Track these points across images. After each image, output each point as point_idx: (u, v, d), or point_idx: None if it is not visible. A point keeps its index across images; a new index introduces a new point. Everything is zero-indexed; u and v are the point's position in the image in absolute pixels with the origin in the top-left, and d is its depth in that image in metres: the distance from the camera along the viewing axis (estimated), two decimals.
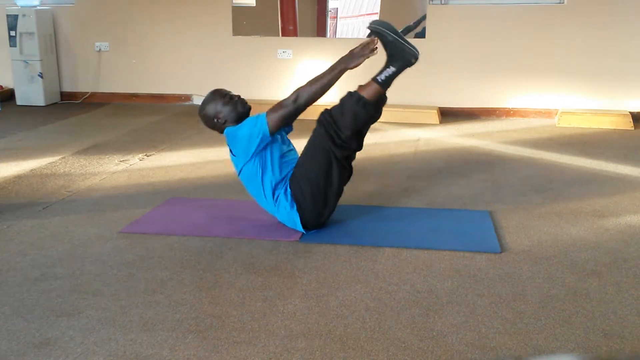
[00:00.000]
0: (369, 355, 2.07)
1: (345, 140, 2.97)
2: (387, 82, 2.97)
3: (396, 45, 2.95)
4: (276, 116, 2.98)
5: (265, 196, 3.09)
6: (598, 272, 2.69)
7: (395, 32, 2.96)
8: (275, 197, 3.07)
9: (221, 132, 3.15)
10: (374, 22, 2.99)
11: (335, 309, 2.38)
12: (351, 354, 2.08)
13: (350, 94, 3.00)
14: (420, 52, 2.97)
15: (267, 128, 2.96)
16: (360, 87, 3.01)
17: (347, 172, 3.10)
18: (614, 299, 2.46)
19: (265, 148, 3.02)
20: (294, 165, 3.11)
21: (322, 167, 3.00)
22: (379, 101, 3.01)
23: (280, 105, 3.01)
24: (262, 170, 3.04)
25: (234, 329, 2.23)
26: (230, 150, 3.13)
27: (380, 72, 2.98)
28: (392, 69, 2.97)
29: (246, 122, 3.03)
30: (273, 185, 3.06)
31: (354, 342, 2.15)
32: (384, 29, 2.95)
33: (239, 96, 3.17)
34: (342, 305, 2.41)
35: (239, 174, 3.15)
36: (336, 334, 2.21)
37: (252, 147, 3.00)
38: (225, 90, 3.18)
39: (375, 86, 2.97)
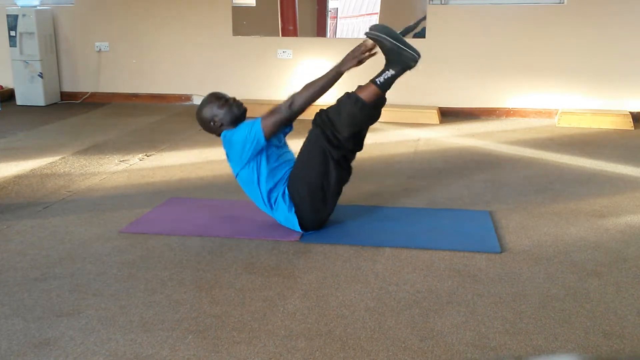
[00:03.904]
0: (369, 355, 2.07)
1: (342, 141, 2.97)
2: (385, 85, 2.96)
3: (394, 49, 2.93)
4: (271, 122, 2.98)
5: (263, 199, 3.09)
6: (598, 272, 2.69)
7: (393, 36, 2.93)
8: (273, 199, 3.07)
9: (218, 135, 3.15)
10: (371, 28, 2.96)
11: (335, 309, 2.38)
12: (351, 354, 2.08)
13: (347, 95, 2.99)
14: (421, 55, 2.96)
15: (262, 134, 2.97)
16: (359, 88, 3.00)
17: (345, 172, 3.09)
18: (614, 299, 2.46)
19: (260, 152, 3.02)
20: (290, 166, 3.11)
21: (320, 168, 3.00)
22: (377, 103, 3.00)
23: (275, 110, 3.00)
24: (258, 174, 3.05)
25: (234, 329, 2.23)
26: (227, 155, 3.13)
27: (379, 75, 2.97)
28: (391, 72, 2.95)
29: (241, 127, 3.03)
30: (270, 188, 3.06)
31: (354, 342, 2.15)
32: (381, 35, 2.92)
33: (234, 98, 3.17)
34: (342, 305, 2.41)
35: (236, 177, 3.15)
36: (336, 334, 2.21)
37: (247, 153, 3.00)
38: (221, 94, 3.18)
39: (373, 88, 2.96)
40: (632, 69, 5.82)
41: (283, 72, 6.45)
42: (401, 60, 2.93)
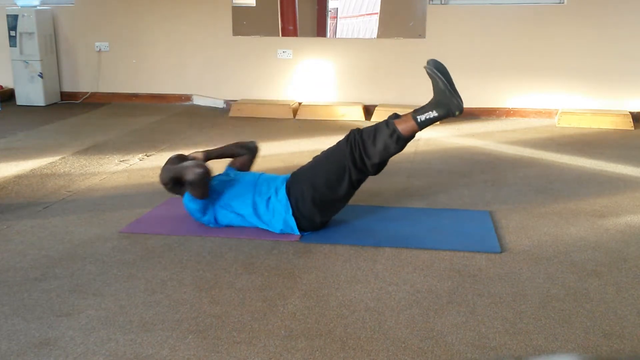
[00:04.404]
0: (369, 355, 2.07)
1: (368, 166, 2.99)
2: (425, 124, 2.96)
3: (445, 94, 2.92)
4: (193, 192, 3.07)
5: (255, 217, 3.10)
6: (598, 272, 2.69)
7: (448, 78, 2.93)
8: (265, 207, 3.06)
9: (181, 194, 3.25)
10: (430, 63, 2.94)
11: (335, 309, 2.38)
12: (351, 354, 2.08)
13: (386, 123, 2.98)
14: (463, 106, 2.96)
15: (195, 203, 3.08)
16: (397, 118, 2.99)
17: (353, 192, 3.11)
18: (614, 299, 2.46)
19: (214, 201, 3.11)
20: (253, 176, 3.19)
21: (332, 180, 3.01)
22: (411, 138, 3.01)
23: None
24: (232, 209, 3.11)
25: (234, 329, 2.23)
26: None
27: (422, 112, 2.95)
28: (434, 114, 2.94)
29: (185, 197, 3.14)
30: (253, 204, 3.08)
31: (354, 342, 2.15)
32: (438, 74, 2.92)
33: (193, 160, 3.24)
34: (342, 305, 2.41)
35: (224, 225, 3.19)
36: (336, 334, 2.21)
37: (205, 214, 3.12)
38: (185, 156, 3.28)
39: (413, 124, 2.95)
40: (632, 69, 5.82)
41: (283, 72, 6.45)
42: (448, 105, 2.93)
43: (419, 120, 2.95)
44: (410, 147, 4.92)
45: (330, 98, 6.38)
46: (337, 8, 6.51)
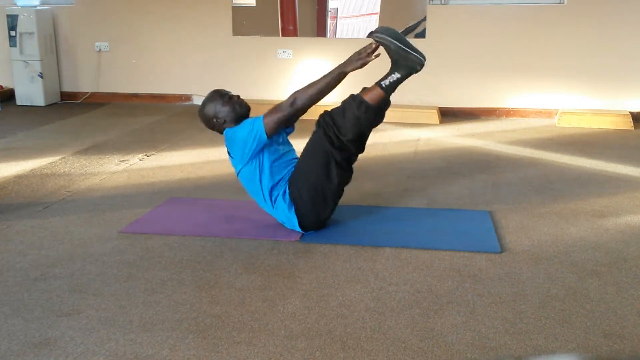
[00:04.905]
0: (369, 355, 2.07)
1: (346, 143, 2.96)
2: (390, 88, 2.95)
3: (400, 52, 2.92)
4: (273, 119, 2.97)
5: (264, 197, 3.09)
6: (598, 272, 2.69)
7: (398, 38, 2.92)
8: (274, 198, 3.08)
9: (220, 132, 3.15)
10: (375, 30, 2.95)
11: (335, 309, 2.38)
12: (351, 354, 2.08)
13: (352, 97, 2.98)
14: (426, 58, 2.94)
15: (263, 131, 2.96)
16: (364, 90, 2.99)
17: (347, 174, 3.09)
18: (614, 299, 2.46)
19: (262, 151, 3.02)
20: (292, 166, 3.11)
21: (321, 169, 2.99)
22: (382, 106, 2.99)
23: (277, 108, 3.00)
24: (259, 172, 3.04)
25: (234, 329, 2.23)
26: (229, 152, 3.13)
27: (385, 77, 2.96)
28: (396, 75, 2.94)
29: (244, 125, 3.03)
30: (271, 187, 3.06)
31: (354, 342, 2.15)
32: (386, 37, 2.91)
33: (238, 96, 3.17)
34: (342, 305, 2.41)
35: (237, 175, 3.15)
36: (336, 334, 2.21)
37: (249, 150, 3.00)
38: (225, 91, 3.18)
39: (378, 91, 2.95)
40: (632, 69, 5.81)
41: (283, 72, 6.45)
42: (407, 63, 2.92)
43: (383, 85, 2.94)
44: (410, 147, 4.95)
45: (330, 98, 6.36)
46: (337, 8, 6.51)
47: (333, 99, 3.19)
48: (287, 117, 3.00)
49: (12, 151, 4.81)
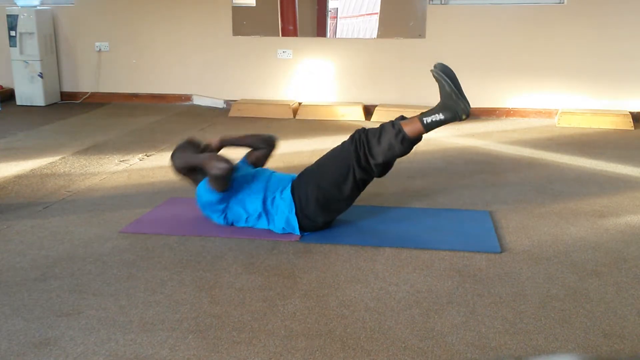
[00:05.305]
0: (369, 355, 2.07)
1: (372, 165, 2.98)
2: (431, 126, 2.95)
3: (452, 96, 2.93)
4: (213, 186, 3.05)
5: (259, 217, 3.11)
6: (598, 272, 2.69)
7: (455, 81, 2.95)
8: (271, 205, 3.08)
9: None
10: (437, 66, 2.96)
11: (335, 309, 2.38)
12: (351, 354, 2.08)
13: (392, 123, 2.98)
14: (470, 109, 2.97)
15: (215, 193, 3.06)
16: (404, 120, 2.99)
17: (357, 192, 3.10)
18: (614, 299, 2.46)
19: (230, 195, 3.10)
20: (270, 173, 3.18)
21: (336, 180, 3.01)
22: (417, 140, 3.01)
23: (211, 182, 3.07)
24: (242, 206, 3.10)
25: (234, 329, 2.23)
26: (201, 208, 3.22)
27: (428, 114, 2.95)
28: (440, 116, 2.94)
29: (200, 188, 3.12)
30: (262, 200, 3.09)
31: (354, 342, 2.15)
32: (444, 77, 2.93)
33: (207, 145, 3.26)
34: (342, 305, 2.41)
35: (230, 225, 3.19)
36: (336, 334, 2.21)
37: (220, 207, 3.11)
38: (197, 141, 3.26)
39: (419, 126, 2.95)
40: (632, 69, 5.82)
41: (283, 72, 6.45)
42: (455, 108, 2.95)
43: (425, 122, 2.94)
44: None
45: (330, 98, 6.38)
46: (337, 8, 6.51)
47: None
48: (222, 178, 3.02)
49: (12, 151, 4.81)
